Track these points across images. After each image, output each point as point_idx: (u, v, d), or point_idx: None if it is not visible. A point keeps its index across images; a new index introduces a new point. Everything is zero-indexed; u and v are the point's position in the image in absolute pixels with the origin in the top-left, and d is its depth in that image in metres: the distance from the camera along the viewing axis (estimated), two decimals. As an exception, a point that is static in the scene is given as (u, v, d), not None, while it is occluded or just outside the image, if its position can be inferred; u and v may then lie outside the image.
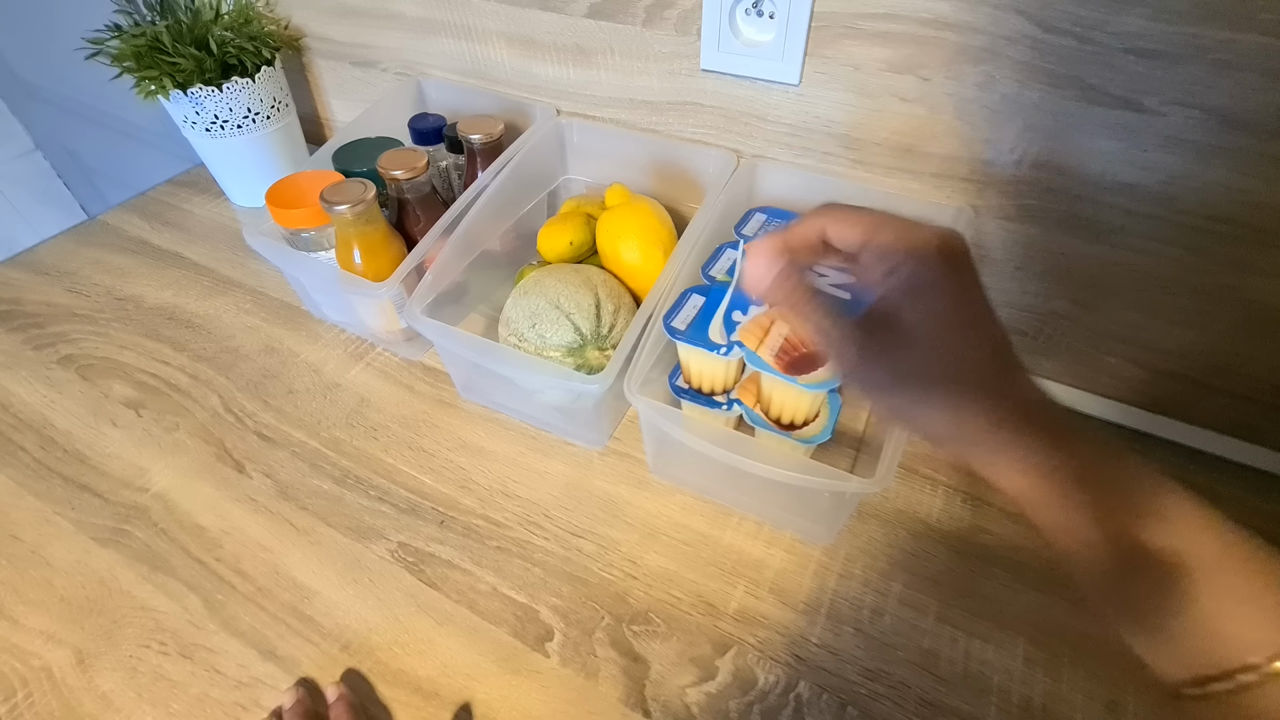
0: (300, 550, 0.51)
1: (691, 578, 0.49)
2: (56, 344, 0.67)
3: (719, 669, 0.44)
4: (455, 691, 0.43)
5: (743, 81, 0.57)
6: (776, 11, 0.52)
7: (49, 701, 0.43)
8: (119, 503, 0.54)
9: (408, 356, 0.66)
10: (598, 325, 0.54)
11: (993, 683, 0.43)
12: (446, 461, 0.57)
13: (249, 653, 0.45)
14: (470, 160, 0.66)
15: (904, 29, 0.48)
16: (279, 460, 0.57)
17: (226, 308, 0.71)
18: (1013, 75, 0.47)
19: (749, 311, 0.49)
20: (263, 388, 0.63)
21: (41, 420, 0.60)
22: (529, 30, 0.65)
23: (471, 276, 0.63)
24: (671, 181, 0.66)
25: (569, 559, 0.50)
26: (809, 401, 0.48)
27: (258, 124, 0.76)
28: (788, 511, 0.51)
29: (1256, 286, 0.47)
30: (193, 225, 0.82)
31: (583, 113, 0.68)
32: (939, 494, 0.53)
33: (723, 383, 0.52)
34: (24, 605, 0.48)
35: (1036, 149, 0.49)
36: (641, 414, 0.49)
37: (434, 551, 0.50)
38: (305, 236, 0.61)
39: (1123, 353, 0.55)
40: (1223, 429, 0.54)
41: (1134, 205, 0.48)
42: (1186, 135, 0.44)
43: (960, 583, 0.48)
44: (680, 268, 0.52)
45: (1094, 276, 0.52)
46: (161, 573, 0.50)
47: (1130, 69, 0.43)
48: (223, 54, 0.71)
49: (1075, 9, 0.42)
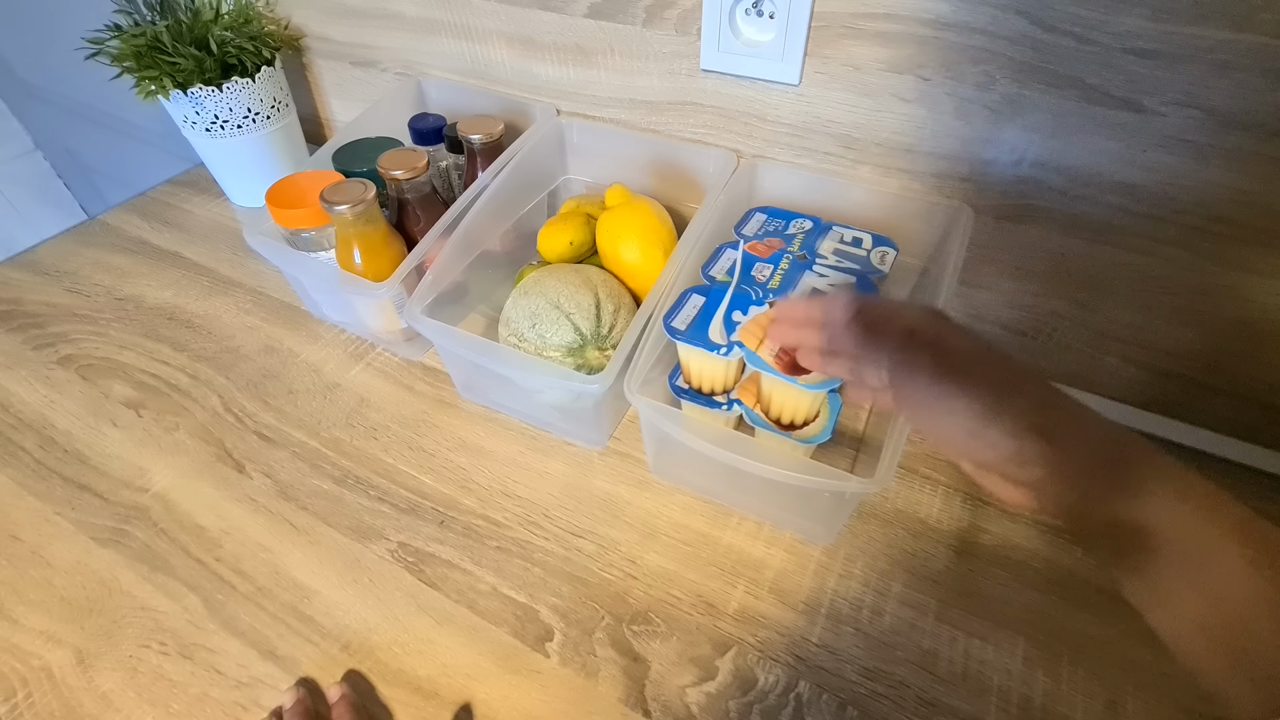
0: (300, 550, 0.51)
1: (691, 578, 0.49)
2: (56, 344, 0.67)
3: (719, 669, 0.44)
4: (455, 691, 0.43)
5: (743, 81, 0.57)
6: (776, 11, 0.52)
7: (49, 701, 0.43)
8: (119, 503, 0.54)
9: (408, 356, 0.66)
10: (598, 325, 0.54)
11: (992, 682, 0.43)
12: (446, 461, 0.57)
13: (249, 653, 0.45)
14: (470, 160, 0.66)
15: (904, 29, 0.48)
16: (279, 460, 0.57)
17: (226, 308, 0.71)
18: (1013, 75, 0.47)
19: (749, 312, 0.49)
20: (263, 388, 0.63)
21: (41, 420, 0.60)
22: (529, 30, 0.65)
23: (471, 276, 0.63)
24: (671, 181, 0.66)
25: (569, 559, 0.50)
26: (809, 401, 0.48)
27: (258, 124, 0.76)
28: (788, 511, 0.51)
29: (1256, 286, 0.47)
30: (193, 225, 0.82)
31: (583, 113, 0.68)
32: (939, 494, 0.53)
33: (723, 383, 0.52)
34: (24, 605, 0.48)
35: (1036, 149, 0.49)
36: (641, 414, 0.49)
37: (434, 551, 0.50)
38: (305, 236, 0.61)
39: (1122, 353, 0.55)
40: (1223, 429, 0.54)
41: (1134, 205, 0.48)
42: (1186, 135, 0.44)
43: (960, 583, 0.48)
44: (680, 268, 0.52)
45: (1094, 276, 0.52)
46: (161, 573, 0.50)
47: (1130, 69, 0.43)
48: (223, 54, 0.71)
49: (1075, 9, 0.42)
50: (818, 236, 0.54)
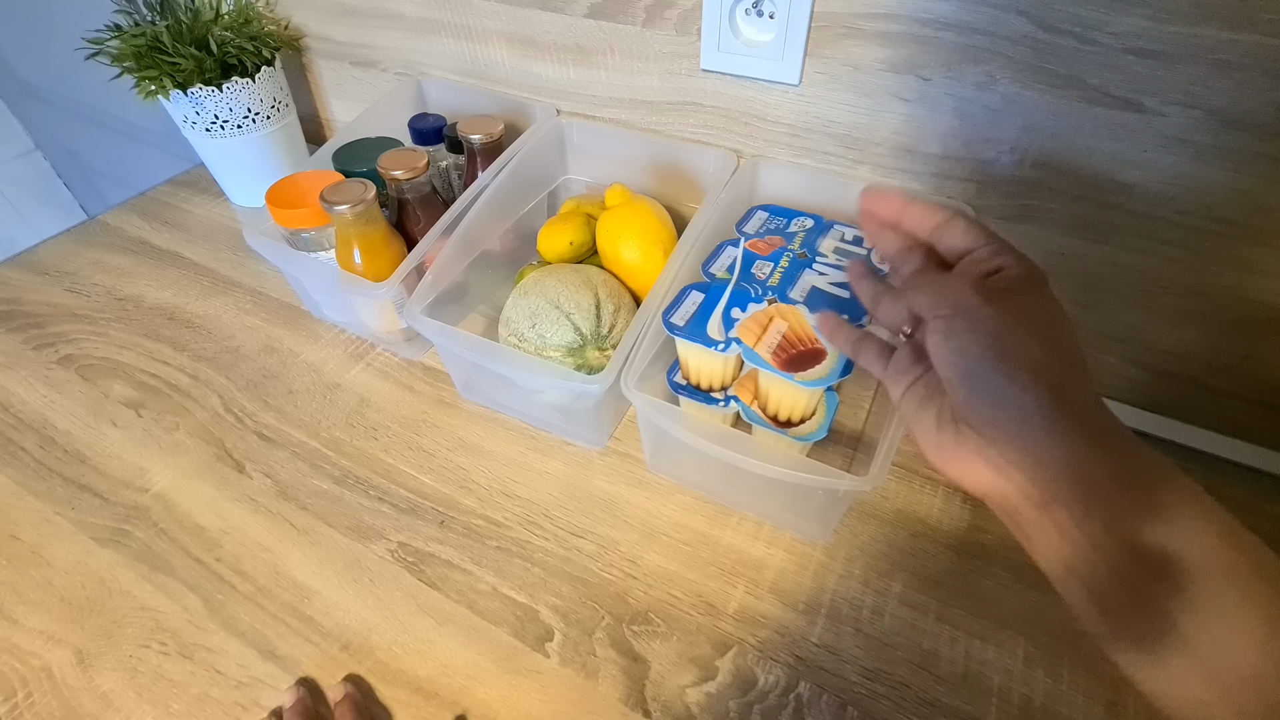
0: (300, 550, 0.51)
1: (691, 578, 0.49)
2: (56, 344, 0.67)
3: (719, 669, 0.44)
4: (455, 691, 0.43)
5: (743, 81, 0.57)
6: (776, 11, 0.52)
7: (49, 701, 0.43)
8: (119, 503, 0.54)
9: (408, 356, 0.66)
10: (598, 325, 0.54)
11: (993, 683, 0.43)
12: (446, 461, 0.57)
13: (249, 653, 0.45)
14: (470, 160, 0.66)
15: (904, 29, 0.48)
16: (279, 460, 0.57)
17: (226, 308, 0.71)
18: (1013, 75, 0.47)
19: (747, 309, 0.49)
20: (263, 388, 0.63)
21: (41, 420, 0.60)
22: (529, 30, 0.65)
23: (471, 276, 0.63)
24: (671, 181, 0.66)
25: (569, 559, 0.50)
26: (806, 399, 0.48)
27: (258, 124, 0.76)
28: (782, 509, 0.51)
29: (1256, 286, 0.47)
30: (193, 225, 0.82)
31: (583, 113, 0.68)
32: (939, 494, 0.53)
33: (720, 379, 0.52)
34: (24, 605, 0.48)
35: (1036, 149, 0.49)
36: (639, 409, 0.49)
37: (434, 551, 0.50)
38: (305, 236, 0.61)
39: (1123, 353, 0.55)
40: (1223, 429, 0.54)
41: (1134, 205, 0.48)
42: (1186, 135, 0.44)
43: (960, 583, 0.48)
44: (680, 267, 0.52)
45: (1094, 276, 0.52)
46: (161, 573, 0.50)
47: (1130, 69, 0.43)
48: (223, 54, 0.71)
49: (1075, 9, 0.42)
50: (819, 235, 0.54)
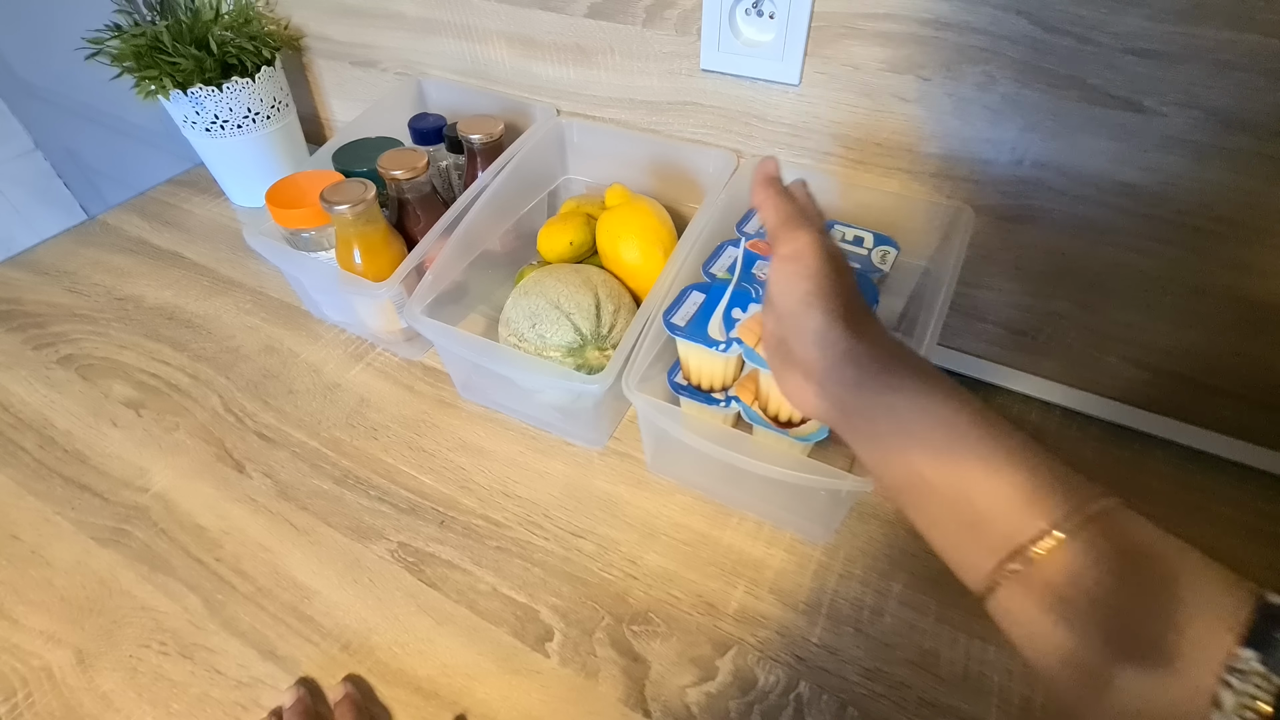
0: (300, 550, 0.51)
1: (691, 578, 0.49)
2: (56, 344, 0.67)
3: (719, 669, 0.44)
4: (455, 691, 0.43)
5: (743, 81, 0.57)
6: (776, 11, 0.52)
7: (49, 701, 0.43)
8: (119, 503, 0.54)
9: (408, 356, 0.66)
10: (598, 325, 0.54)
11: (993, 683, 0.43)
12: (446, 461, 0.57)
13: (249, 653, 0.45)
14: (470, 160, 0.66)
15: (904, 29, 0.48)
16: (279, 460, 0.57)
17: (226, 308, 0.71)
18: (1013, 75, 0.47)
19: (748, 309, 0.49)
20: (263, 388, 0.63)
21: (41, 420, 0.60)
22: (529, 30, 0.65)
23: (471, 276, 0.63)
24: (671, 181, 0.66)
25: (569, 559, 0.50)
26: (809, 401, 0.48)
27: (258, 124, 0.76)
28: (784, 509, 0.51)
29: (1256, 286, 0.47)
30: (193, 225, 0.83)
31: (583, 113, 0.68)
32: (939, 494, 0.53)
33: (721, 379, 0.52)
34: (24, 605, 0.48)
35: (1036, 149, 0.49)
36: (640, 410, 0.49)
37: (434, 551, 0.50)
38: (305, 236, 0.61)
39: (1123, 353, 0.55)
40: (1223, 429, 0.54)
41: (1134, 205, 0.48)
42: (1186, 135, 0.44)
43: (960, 583, 0.48)
44: (680, 267, 0.52)
45: (1094, 276, 0.52)
46: (161, 573, 0.50)
47: (1130, 69, 0.43)
48: (223, 54, 0.71)
49: (1075, 9, 0.42)
50: (818, 236, 0.54)
